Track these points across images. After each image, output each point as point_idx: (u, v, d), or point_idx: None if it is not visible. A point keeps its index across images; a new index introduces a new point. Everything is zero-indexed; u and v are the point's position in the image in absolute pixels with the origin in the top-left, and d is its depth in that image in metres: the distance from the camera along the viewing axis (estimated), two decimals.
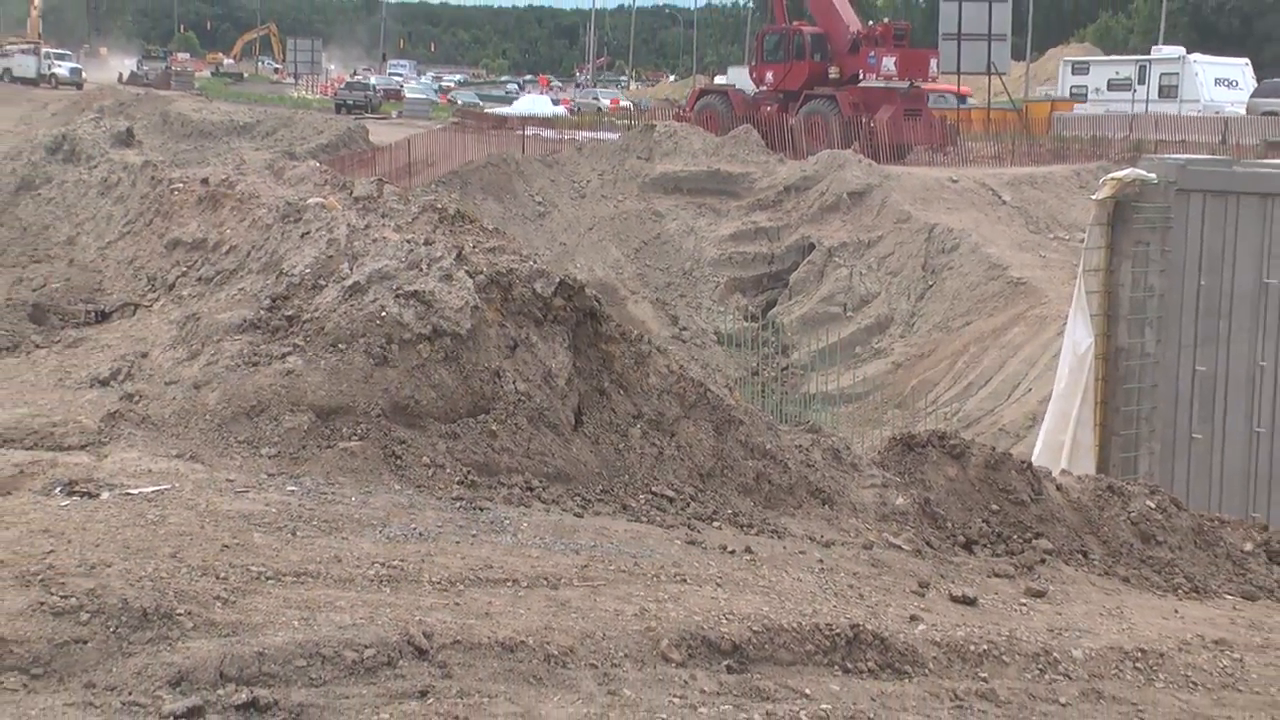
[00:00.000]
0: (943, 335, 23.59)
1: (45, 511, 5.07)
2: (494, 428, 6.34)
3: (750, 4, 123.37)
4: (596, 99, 76.74)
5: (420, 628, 4.36)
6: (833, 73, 40.62)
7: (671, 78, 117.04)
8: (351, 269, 6.98)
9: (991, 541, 6.78)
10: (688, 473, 6.66)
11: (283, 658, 4.07)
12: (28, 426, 6.36)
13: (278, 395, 6.22)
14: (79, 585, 4.31)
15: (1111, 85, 56.41)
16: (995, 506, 7.01)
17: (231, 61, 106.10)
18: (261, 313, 6.88)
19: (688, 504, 6.42)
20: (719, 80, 72.41)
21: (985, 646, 5.18)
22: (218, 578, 4.56)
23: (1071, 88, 59.55)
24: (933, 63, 41.38)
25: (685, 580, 5.30)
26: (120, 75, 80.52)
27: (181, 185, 10.85)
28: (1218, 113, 47.53)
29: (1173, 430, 10.92)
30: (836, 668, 4.82)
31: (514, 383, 6.49)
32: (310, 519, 5.28)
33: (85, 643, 4.06)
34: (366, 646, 4.20)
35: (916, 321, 24.77)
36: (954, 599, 5.73)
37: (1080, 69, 60.81)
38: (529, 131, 39.45)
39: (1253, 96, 49.31)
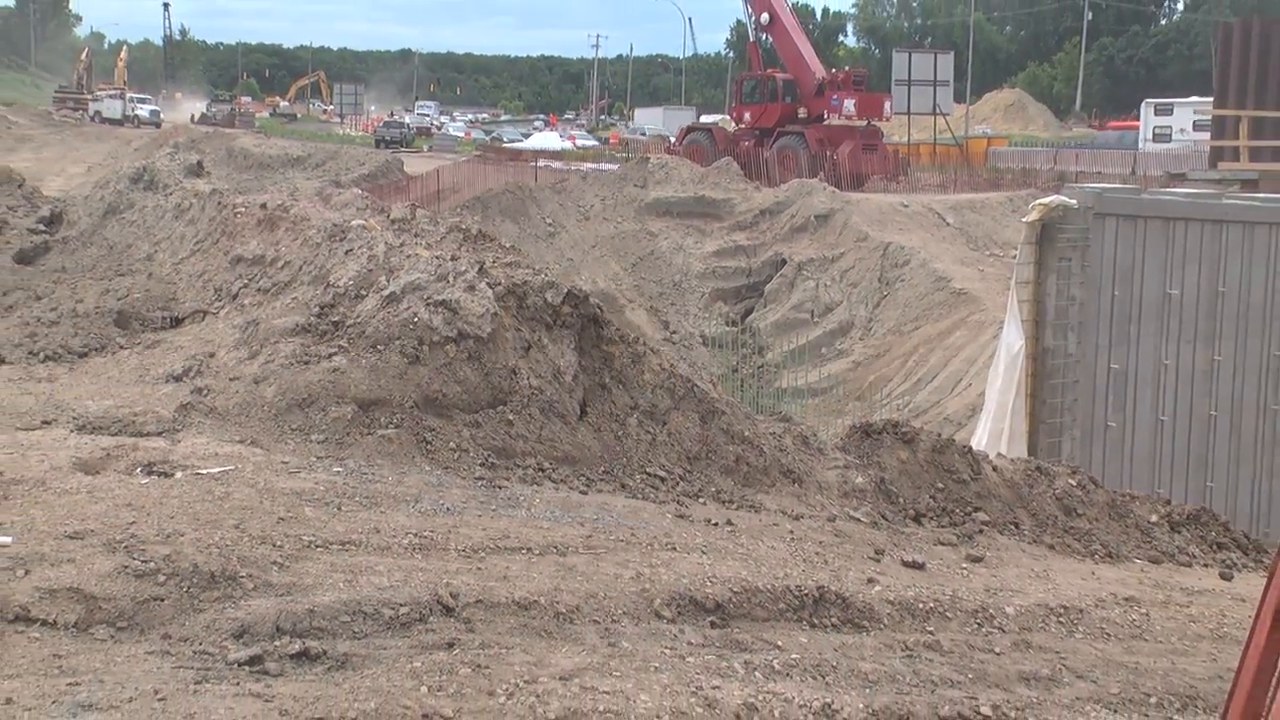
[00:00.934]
0: (896, 338, 23.57)
1: (128, 488, 5.07)
2: (510, 417, 6.33)
3: (731, 53, 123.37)
4: (644, 133, 76.22)
5: (448, 589, 4.37)
6: (801, 113, 40.58)
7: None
8: (388, 281, 6.98)
9: (937, 515, 6.78)
10: (677, 456, 6.65)
11: (330, 614, 4.08)
12: (113, 416, 6.38)
13: (325, 389, 6.21)
14: (157, 551, 4.31)
15: (1197, 126, 48.52)
16: (940, 485, 7.01)
17: (287, 104, 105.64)
18: (311, 318, 6.88)
19: (677, 483, 6.42)
20: (649, 112, 74.19)
21: (932, 604, 5.18)
22: (274, 545, 4.56)
23: (1155, 128, 51.81)
24: (886, 105, 41.33)
25: (675, 548, 5.30)
26: (192, 116, 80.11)
27: (243, 209, 10.83)
28: None
29: (1091, 419, 10.94)
30: (804, 623, 4.83)
31: (528, 379, 6.48)
32: (353, 495, 5.28)
33: (162, 600, 4.06)
34: (401, 605, 4.20)
35: (873, 326, 24.74)
36: (905, 564, 5.73)
37: (1164, 110, 53.15)
38: (541, 163, 39.37)
39: None
